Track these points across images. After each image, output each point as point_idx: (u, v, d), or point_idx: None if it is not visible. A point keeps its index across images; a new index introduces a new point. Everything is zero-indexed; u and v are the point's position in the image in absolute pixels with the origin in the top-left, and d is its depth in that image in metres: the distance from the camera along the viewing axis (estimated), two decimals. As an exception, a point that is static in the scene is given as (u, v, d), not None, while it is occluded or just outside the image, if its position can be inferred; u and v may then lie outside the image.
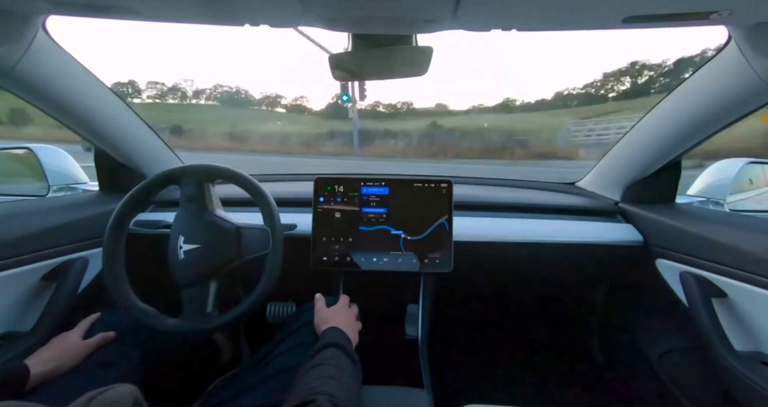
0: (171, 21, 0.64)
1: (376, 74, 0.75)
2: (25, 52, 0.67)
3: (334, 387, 0.49)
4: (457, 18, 0.55)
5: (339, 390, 0.49)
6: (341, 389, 0.50)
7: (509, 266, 1.08)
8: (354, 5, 0.54)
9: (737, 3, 0.51)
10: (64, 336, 0.66)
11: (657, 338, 0.98)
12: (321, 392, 0.47)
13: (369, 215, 0.92)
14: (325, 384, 0.49)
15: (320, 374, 0.52)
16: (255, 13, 0.58)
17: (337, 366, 0.56)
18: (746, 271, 0.71)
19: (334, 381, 0.51)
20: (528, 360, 1.31)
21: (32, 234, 0.78)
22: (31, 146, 1.21)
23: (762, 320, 0.70)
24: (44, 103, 0.80)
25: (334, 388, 0.49)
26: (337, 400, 0.46)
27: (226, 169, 0.79)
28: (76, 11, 0.61)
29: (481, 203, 1.08)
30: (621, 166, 1.07)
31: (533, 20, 0.60)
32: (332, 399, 0.46)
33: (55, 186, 1.17)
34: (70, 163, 1.26)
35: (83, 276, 0.86)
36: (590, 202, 1.12)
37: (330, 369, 0.54)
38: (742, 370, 0.67)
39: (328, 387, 0.49)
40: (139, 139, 1.03)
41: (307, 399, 0.46)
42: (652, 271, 0.93)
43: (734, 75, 0.69)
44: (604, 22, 0.60)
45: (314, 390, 0.47)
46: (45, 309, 0.78)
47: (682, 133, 0.86)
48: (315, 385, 0.49)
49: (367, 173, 0.99)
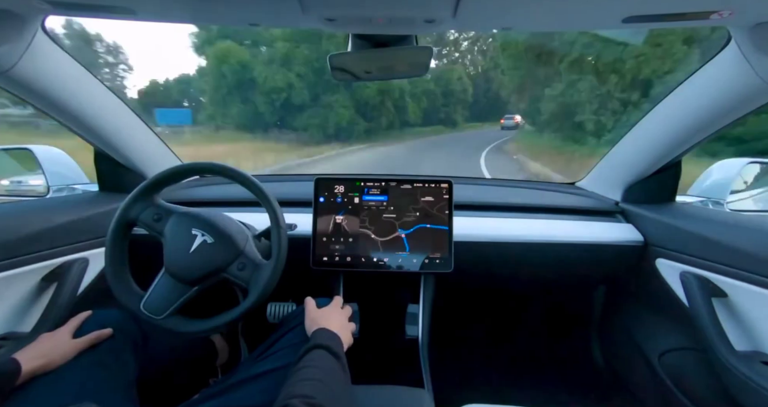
0: (171, 21, 0.64)
1: (376, 74, 0.75)
2: (24, 53, 0.67)
3: (313, 389, 0.49)
4: (457, 18, 0.55)
5: (319, 391, 0.49)
6: (319, 388, 0.50)
7: (509, 266, 1.08)
8: (354, 5, 0.54)
9: (737, 3, 0.51)
10: (52, 333, 0.66)
11: (657, 338, 0.98)
12: (297, 395, 0.47)
13: (369, 215, 0.92)
14: (305, 386, 0.50)
15: (301, 377, 0.52)
16: (255, 13, 0.58)
17: (320, 367, 0.56)
18: (746, 271, 0.71)
19: (316, 382, 0.51)
20: (528, 360, 1.31)
21: (32, 234, 0.78)
22: (30, 147, 1.21)
23: (762, 320, 0.70)
24: (43, 103, 0.80)
25: (314, 389, 0.49)
26: (314, 401, 0.47)
27: (229, 168, 0.79)
28: (75, 11, 0.61)
29: (481, 203, 1.08)
30: (621, 165, 1.07)
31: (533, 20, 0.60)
32: (308, 400, 0.46)
33: (55, 186, 1.17)
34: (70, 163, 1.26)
35: (83, 277, 0.86)
36: (590, 201, 1.12)
37: (313, 371, 0.54)
38: (742, 370, 0.67)
39: (307, 389, 0.49)
40: (138, 139, 1.03)
41: (283, 403, 0.46)
42: (652, 271, 0.93)
43: (734, 75, 0.69)
44: (604, 22, 0.60)
45: (291, 394, 0.48)
46: (45, 309, 0.78)
47: (682, 133, 0.86)
48: (294, 389, 0.49)
49: (368, 173, 0.99)
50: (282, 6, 0.55)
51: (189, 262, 0.73)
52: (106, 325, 0.69)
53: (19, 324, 0.77)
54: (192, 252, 0.73)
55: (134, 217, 0.74)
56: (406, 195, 0.92)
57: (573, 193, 1.20)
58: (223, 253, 0.74)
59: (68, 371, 0.60)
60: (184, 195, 1.12)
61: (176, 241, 0.73)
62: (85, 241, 0.88)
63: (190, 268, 0.73)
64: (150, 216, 0.75)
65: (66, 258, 0.83)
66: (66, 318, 0.70)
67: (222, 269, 0.73)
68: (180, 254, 0.73)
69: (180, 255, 0.73)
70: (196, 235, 0.73)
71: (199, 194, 1.14)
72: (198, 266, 0.73)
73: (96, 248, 0.89)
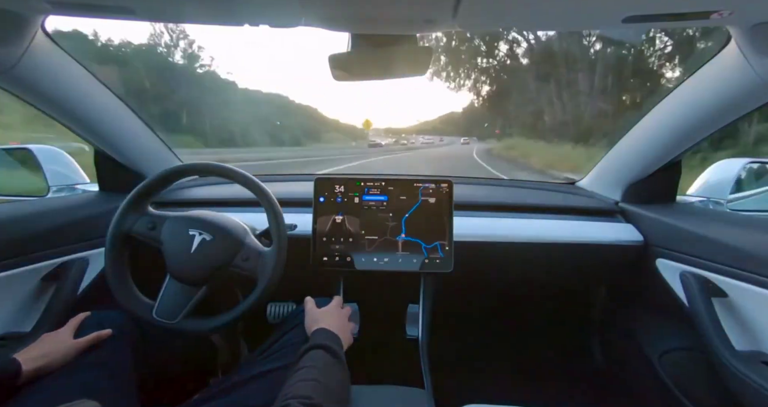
0: (170, 21, 0.64)
1: (376, 74, 0.75)
2: (24, 53, 0.67)
3: (311, 389, 0.49)
4: (457, 18, 0.55)
5: (317, 391, 0.49)
6: (319, 389, 0.50)
7: (509, 266, 1.08)
8: (354, 5, 0.54)
9: (737, 3, 0.51)
10: (52, 334, 0.66)
11: (657, 338, 0.98)
12: (294, 396, 0.47)
13: (369, 215, 0.92)
14: (304, 387, 0.50)
15: (301, 377, 0.52)
16: (255, 13, 0.58)
17: (319, 367, 0.56)
18: (746, 271, 0.71)
19: (314, 382, 0.51)
20: (528, 359, 1.31)
21: (32, 234, 0.78)
22: (30, 146, 1.21)
23: (762, 320, 0.70)
24: (43, 103, 0.80)
25: (312, 390, 0.49)
26: (312, 401, 0.47)
27: (229, 168, 0.79)
28: (75, 11, 0.61)
29: (481, 203, 1.08)
30: (621, 165, 1.07)
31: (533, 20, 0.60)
32: (306, 401, 0.47)
33: (54, 186, 1.17)
34: (70, 163, 1.26)
35: (83, 277, 0.86)
36: (590, 201, 1.12)
37: (310, 371, 0.54)
38: (742, 370, 0.67)
39: (305, 390, 0.49)
40: (138, 138, 1.03)
41: (281, 404, 0.46)
42: (652, 271, 0.93)
43: (734, 75, 0.69)
44: (604, 22, 0.60)
45: (289, 395, 0.48)
46: (45, 309, 0.78)
47: (682, 132, 0.86)
48: (292, 390, 0.49)
49: (368, 174, 0.99)
50: (282, 6, 0.55)
51: (192, 263, 0.73)
52: (105, 326, 0.68)
53: (19, 323, 0.77)
54: (193, 252, 0.73)
55: (128, 230, 0.74)
56: (406, 195, 0.92)
57: (573, 193, 1.20)
58: (224, 248, 0.74)
59: (68, 371, 0.60)
60: (184, 195, 1.12)
61: (175, 245, 0.73)
62: (84, 241, 0.88)
63: (194, 269, 0.73)
64: (144, 226, 0.74)
65: (66, 258, 0.83)
66: (66, 318, 0.70)
67: (227, 263, 0.74)
68: (182, 257, 0.73)
69: (182, 257, 0.73)
70: (194, 235, 0.73)
71: (198, 194, 1.14)
72: (202, 265, 0.73)
73: (96, 248, 0.89)
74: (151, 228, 0.74)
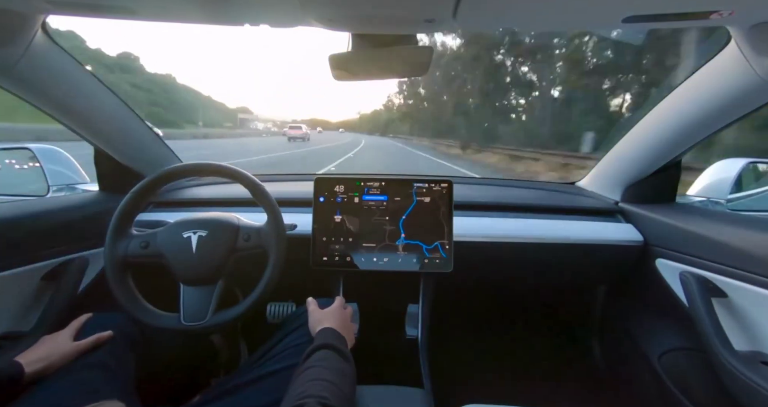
0: (170, 21, 0.64)
1: (377, 74, 0.75)
2: (25, 53, 0.67)
3: (324, 389, 0.49)
4: (457, 18, 0.55)
5: (330, 391, 0.49)
6: (333, 390, 0.50)
7: (509, 266, 1.08)
8: (354, 5, 0.54)
9: (737, 3, 0.51)
10: (53, 336, 0.66)
11: (657, 338, 0.98)
12: (311, 395, 0.47)
13: (369, 215, 0.92)
14: (316, 386, 0.50)
15: (311, 376, 0.52)
16: (255, 13, 0.58)
17: (329, 367, 0.56)
18: (746, 271, 0.71)
19: (325, 382, 0.51)
20: (528, 360, 1.31)
21: (32, 234, 0.78)
22: (30, 146, 1.21)
23: (762, 320, 0.70)
24: (43, 103, 0.80)
25: (325, 390, 0.49)
26: (327, 401, 0.47)
27: (229, 168, 0.79)
28: (75, 11, 0.61)
29: (481, 203, 1.08)
30: (621, 165, 1.07)
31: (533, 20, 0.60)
32: (322, 401, 0.46)
33: (54, 186, 1.17)
34: (70, 162, 1.26)
35: (83, 276, 0.86)
36: (590, 201, 1.12)
37: (321, 371, 0.54)
38: (742, 370, 0.67)
39: (318, 390, 0.49)
40: (138, 138, 1.03)
41: (297, 403, 0.46)
42: (652, 271, 0.93)
43: (734, 75, 0.69)
44: (604, 22, 0.60)
45: (304, 394, 0.48)
46: (45, 309, 0.78)
47: (682, 132, 0.86)
48: (305, 388, 0.49)
49: (368, 173, 0.99)
50: (282, 6, 0.55)
51: (199, 263, 0.74)
52: (106, 328, 0.68)
53: (18, 323, 0.77)
54: (195, 252, 0.74)
55: (123, 255, 0.73)
56: (405, 195, 0.92)
57: (573, 193, 1.20)
58: (223, 237, 0.76)
59: (69, 373, 0.60)
60: (184, 195, 1.12)
61: (176, 251, 0.74)
62: (85, 241, 0.88)
63: (203, 267, 0.74)
64: (137, 247, 0.74)
65: (65, 258, 0.83)
66: (65, 318, 0.70)
67: (231, 250, 0.75)
68: (187, 260, 0.74)
69: (187, 261, 0.74)
70: (190, 236, 0.75)
71: (199, 194, 1.14)
72: (208, 261, 0.74)
73: (96, 248, 0.89)
74: (145, 246, 0.75)
